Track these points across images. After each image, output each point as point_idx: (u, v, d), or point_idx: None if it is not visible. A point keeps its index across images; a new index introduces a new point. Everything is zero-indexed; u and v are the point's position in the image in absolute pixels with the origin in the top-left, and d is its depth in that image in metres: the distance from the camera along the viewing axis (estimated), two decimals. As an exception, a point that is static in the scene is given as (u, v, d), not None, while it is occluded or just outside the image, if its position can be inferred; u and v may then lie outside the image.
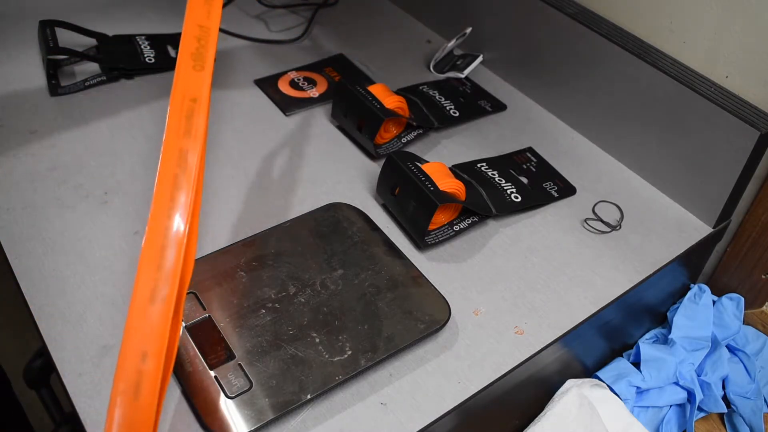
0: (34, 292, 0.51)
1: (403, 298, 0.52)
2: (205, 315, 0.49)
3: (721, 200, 0.61)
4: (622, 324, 0.62)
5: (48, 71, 0.70)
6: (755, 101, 0.58)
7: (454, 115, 0.72)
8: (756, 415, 0.62)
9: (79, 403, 0.45)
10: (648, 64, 0.62)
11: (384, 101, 0.65)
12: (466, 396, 0.48)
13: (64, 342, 0.48)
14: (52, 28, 0.72)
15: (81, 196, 0.60)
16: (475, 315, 0.53)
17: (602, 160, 0.69)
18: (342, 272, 0.53)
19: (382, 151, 0.66)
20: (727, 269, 0.68)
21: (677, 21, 0.62)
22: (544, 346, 0.52)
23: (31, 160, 0.63)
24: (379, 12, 0.90)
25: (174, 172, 0.36)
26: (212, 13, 0.40)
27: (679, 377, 0.61)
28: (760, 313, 0.67)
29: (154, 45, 0.76)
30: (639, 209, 0.64)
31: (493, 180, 0.63)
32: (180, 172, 0.36)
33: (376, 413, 0.46)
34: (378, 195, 0.61)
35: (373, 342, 0.48)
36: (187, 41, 0.39)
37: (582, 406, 0.56)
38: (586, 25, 0.66)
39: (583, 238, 0.61)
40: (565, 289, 0.56)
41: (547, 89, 0.74)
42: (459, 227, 0.59)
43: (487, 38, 0.79)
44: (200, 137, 0.37)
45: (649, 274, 0.58)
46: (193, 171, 0.36)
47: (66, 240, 0.56)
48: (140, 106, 0.70)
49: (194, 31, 0.39)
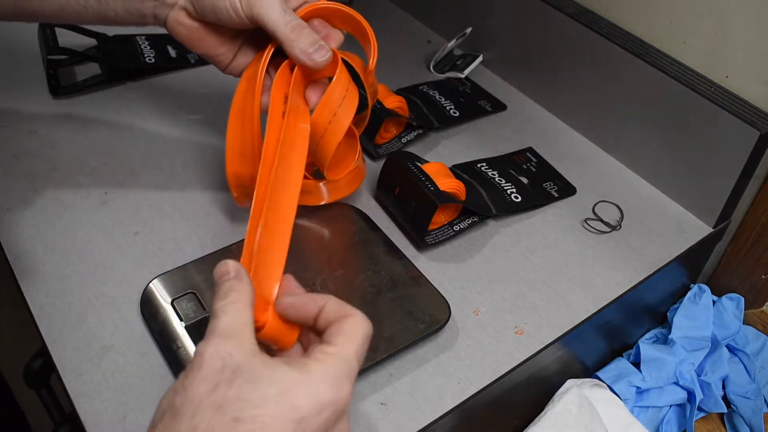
0: (34, 292, 0.51)
1: (403, 298, 0.52)
2: (206, 315, 0.49)
3: (721, 200, 0.61)
4: (622, 324, 0.62)
5: (48, 71, 0.70)
6: (755, 101, 0.58)
7: (454, 115, 0.72)
8: (756, 415, 0.62)
9: (79, 403, 0.45)
10: (648, 64, 0.61)
11: (384, 101, 0.65)
12: (466, 396, 0.48)
13: (64, 342, 0.48)
14: (52, 28, 0.72)
15: (81, 196, 0.60)
16: (475, 315, 0.53)
17: (602, 160, 0.69)
18: (342, 272, 0.53)
19: (382, 151, 0.66)
20: (727, 269, 0.68)
21: (677, 21, 0.62)
22: (544, 346, 0.52)
23: (31, 160, 0.63)
24: (379, 12, 0.90)
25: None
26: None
27: (679, 377, 0.61)
28: (760, 313, 0.67)
29: (154, 45, 0.76)
30: (639, 209, 0.64)
31: (493, 180, 0.63)
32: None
33: (376, 413, 0.46)
34: (378, 195, 0.61)
35: (373, 342, 0.48)
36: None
37: (582, 406, 0.56)
38: (586, 25, 0.66)
39: (583, 238, 0.61)
40: (565, 289, 0.56)
41: (547, 89, 0.74)
42: (459, 227, 0.58)
43: (487, 38, 0.79)
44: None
45: (649, 274, 0.58)
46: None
47: (66, 240, 0.56)
48: (140, 106, 0.70)
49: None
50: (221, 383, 0.30)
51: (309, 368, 0.32)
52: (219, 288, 0.35)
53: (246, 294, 0.35)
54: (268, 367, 0.32)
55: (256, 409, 0.30)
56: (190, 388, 0.31)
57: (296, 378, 0.31)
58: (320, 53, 0.47)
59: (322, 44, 0.47)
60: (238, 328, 0.33)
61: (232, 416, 0.30)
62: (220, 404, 0.30)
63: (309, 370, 0.32)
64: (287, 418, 0.30)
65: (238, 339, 0.33)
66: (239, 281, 0.36)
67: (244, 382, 0.31)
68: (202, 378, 0.31)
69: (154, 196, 0.60)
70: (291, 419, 0.30)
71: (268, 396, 0.30)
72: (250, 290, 0.36)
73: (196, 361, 0.31)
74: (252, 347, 0.33)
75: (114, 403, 0.45)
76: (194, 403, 0.30)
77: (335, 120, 0.49)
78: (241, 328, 0.33)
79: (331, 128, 0.49)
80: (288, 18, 0.46)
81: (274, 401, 0.30)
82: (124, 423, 0.44)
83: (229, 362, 0.31)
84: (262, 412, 0.30)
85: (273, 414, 0.30)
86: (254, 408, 0.30)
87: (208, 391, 0.30)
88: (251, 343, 0.33)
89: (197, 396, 0.30)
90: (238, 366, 0.31)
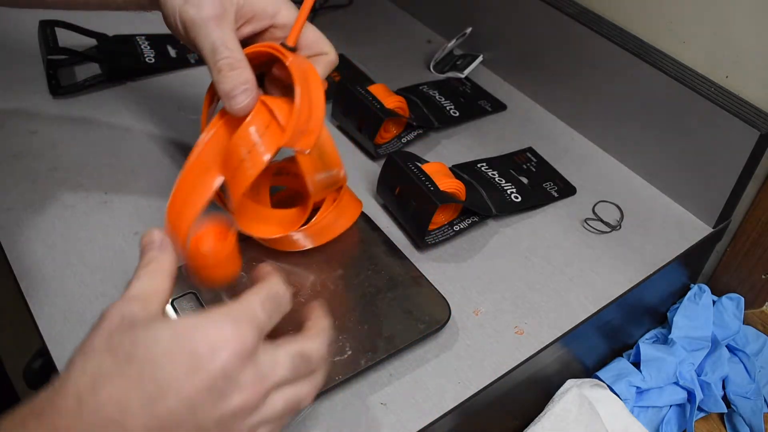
0: (34, 292, 0.51)
1: (403, 298, 0.52)
2: (205, 315, 0.49)
3: (721, 200, 0.61)
4: (622, 324, 0.62)
5: (48, 71, 0.70)
6: (755, 101, 0.58)
7: (454, 115, 0.72)
8: (756, 415, 0.62)
9: (79, 403, 0.45)
10: (648, 64, 0.61)
11: (384, 101, 0.65)
12: (466, 396, 0.48)
13: (64, 342, 0.48)
14: (52, 28, 0.72)
15: (81, 196, 0.60)
16: (475, 315, 0.53)
17: (602, 160, 0.69)
18: (342, 272, 0.53)
19: (382, 151, 0.66)
20: (727, 269, 0.68)
21: (677, 21, 0.62)
22: (544, 346, 0.52)
23: (31, 160, 0.63)
24: (379, 12, 0.90)
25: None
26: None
27: (679, 377, 0.61)
28: (760, 313, 0.67)
29: (154, 45, 0.76)
30: (639, 209, 0.64)
31: (493, 180, 0.63)
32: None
33: (376, 413, 0.46)
34: (378, 195, 0.61)
35: (373, 342, 0.48)
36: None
37: (582, 406, 0.56)
38: (586, 25, 0.66)
39: (583, 238, 0.61)
40: (565, 289, 0.56)
41: (547, 89, 0.74)
42: (459, 227, 0.58)
43: (487, 38, 0.79)
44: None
45: (649, 274, 0.58)
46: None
47: (66, 240, 0.56)
48: (140, 106, 0.70)
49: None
50: (115, 332, 0.30)
51: (208, 313, 0.32)
52: (142, 257, 0.36)
53: (166, 263, 0.35)
54: (167, 320, 0.31)
55: (149, 349, 0.30)
56: (86, 342, 0.31)
57: (193, 322, 0.31)
58: (238, 99, 0.42)
59: (248, 88, 0.42)
60: (148, 293, 0.33)
61: (123, 356, 0.29)
62: (113, 347, 0.30)
63: (207, 314, 0.32)
64: (181, 356, 0.30)
65: (145, 302, 0.32)
66: (162, 251, 0.35)
67: (140, 328, 0.30)
68: (99, 332, 0.31)
69: (154, 196, 0.60)
70: (185, 358, 0.30)
71: (161, 337, 0.30)
72: (172, 260, 0.35)
73: (98, 320, 0.31)
74: (156, 311, 0.32)
75: (114, 403, 0.45)
76: (87, 352, 0.30)
77: (250, 156, 0.43)
78: (151, 294, 0.33)
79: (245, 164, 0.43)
80: (218, 56, 0.42)
81: (167, 340, 0.30)
82: (124, 423, 0.44)
83: (128, 317, 0.31)
84: (154, 350, 0.30)
85: (166, 352, 0.30)
86: (147, 348, 0.30)
87: (102, 339, 0.30)
88: (157, 309, 0.32)
89: (91, 346, 0.30)
90: (137, 320, 0.31)
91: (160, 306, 0.33)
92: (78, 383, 0.29)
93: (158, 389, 0.29)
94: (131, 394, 0.29)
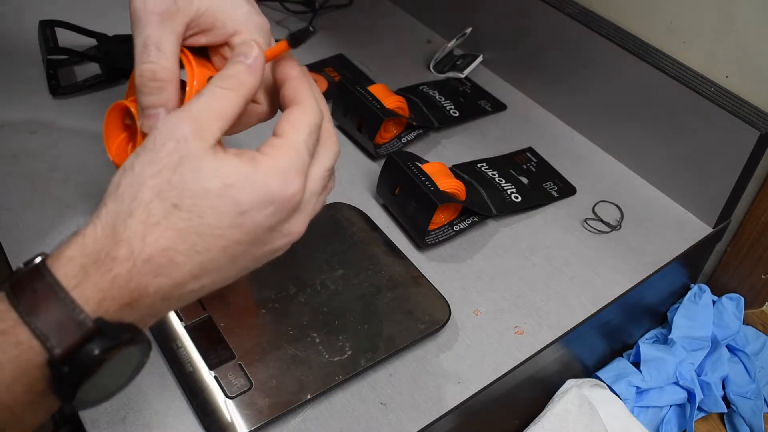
0: (34, 292, 0.51)
1: (403, 298, 0.52)
2: (205, 315, 0.49)
3: (721, 200, 0.61)
4: (622, 324, 0.62)
5: (48, 71, 0.70)
6: (755, 101, 0.58)
7: (454, 115, 0.72)
8: (756, 415, 0.62)
9: (79, 403, 0.45)
10: (648, 64, 0.61)
11: (384, 101, 0.65)
12: (466, 396, 0.48)
13: (64, 342, 0.48)
14: (52, 28, 0.72)
15: (81, 196, 0.60)
16: (475, 315, 0.53)
17: (602, 160, 0.69)
18: (342, 272, 0.53)
19: (382, 151, 0.66)
20: (727, 269, 0.68)
21: (677, 21, 0.62)
22: (544, 346, 0.52)
23: (31, 160, 0.63)
24: (379, 12, 0.90)
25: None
26: None
27: (679, 377, 0.61)
28: (760, 313, 0.67)
29: (154, 45, 0.76)
30: (639, 209, 0.64)
31: (493, 180, 0.63)
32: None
33: (376, 413, 0.46)
34: (378, 195, 0.61)
35: (373, 342, 0.48)
36: None
37: (582, 406, 0.56)
38: (586, 25, 0.66)
39: (583, 238, 0.61)
40: (565, 289, 0.56)
41: (547, 89, 0.74)
42: (459, 227, 0.59)
43: (487, 38, 0.79)
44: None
45: (649, 274, 0.58)
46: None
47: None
48: (140, 106, 0.70)
49: None
50: (165, 168, 0.30)
51: (257, 162, 0.32)
52: (229, 64, 0.34)
53: (246, 88, 0.34)
54: (217, 160, 0.31)
55: (196, 199, 0.30)
56: (137, 169, 0.31)
57: (242, 172, 0.31)
58: (150, 122, 0.36)
59: (160, 114, 0.36)
60: (209, 117, 0.32)
61: (171, 203, 0.30)
62: (161, 189, 0.30)
63: (257, 164, 0.31)
64: (227, 211, 0.30)
65: (202, 129, 0.31)
66: (250, 71, 0.34)
67: (188, 171, 0.30)
68: (150, 161, 0.30)
69: (154, 196, 0.60)
70: (231, 212, 0.30)
71: (209, 189, 0.30)
72: (253, 86, 0.34)
73: (149, 140, 0.31)
74: (210, 140, 0.31)
75: (114, 404, 0.45)
76: (135, 186, 0.30)
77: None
78: (212, 119, 0.32)
79: None
80: (146, 56, 0.37)
81: (215, 194, 0.30)
82: (124, 423, 0.44)
83: (179, 147, 0.31)
84: (201, 202, 0.30)
85: (212, 205, 0.30)
86: (194, 197, 0.30)
87: (152, 175, 0.30)
88: (212, 141, 0.32)
89: (140, 179, 0.30)
90: (188, 154, 0.31)
91: (215, 137, 0.32)
92: (130, 232, 0.30)
93: (203, 242, 0.30)
94: (178, 246, 0.30)
